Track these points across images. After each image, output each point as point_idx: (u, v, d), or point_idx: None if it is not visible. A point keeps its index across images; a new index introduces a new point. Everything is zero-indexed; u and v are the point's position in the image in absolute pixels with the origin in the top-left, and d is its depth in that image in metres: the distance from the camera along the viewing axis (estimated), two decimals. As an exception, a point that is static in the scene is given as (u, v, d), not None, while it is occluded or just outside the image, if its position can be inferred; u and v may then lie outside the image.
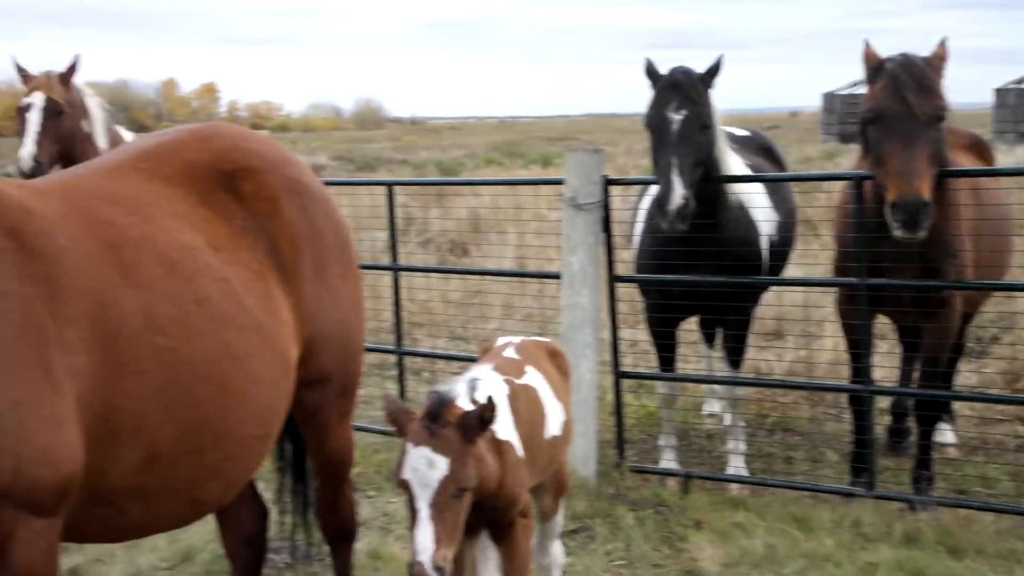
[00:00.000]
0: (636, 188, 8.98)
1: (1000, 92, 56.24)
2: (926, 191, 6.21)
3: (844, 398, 8.20)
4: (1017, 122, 55.22)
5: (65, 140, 8.86)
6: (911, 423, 8.04)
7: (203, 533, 6.52)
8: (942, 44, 6.69)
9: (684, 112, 6.94)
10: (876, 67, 6.63)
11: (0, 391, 3.26)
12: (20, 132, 8.82)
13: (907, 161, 6.25)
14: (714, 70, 7.18)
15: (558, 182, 7.83)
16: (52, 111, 8.79)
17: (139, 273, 3.81)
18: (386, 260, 9.88)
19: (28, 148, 8.62)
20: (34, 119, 8.73)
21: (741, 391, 7.83)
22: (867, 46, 6.74)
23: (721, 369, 8.31)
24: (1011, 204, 8.05)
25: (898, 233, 6.25)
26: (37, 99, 8.79)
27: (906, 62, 6.51)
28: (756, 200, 7.56)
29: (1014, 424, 8.68)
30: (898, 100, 6.39)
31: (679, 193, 6.68)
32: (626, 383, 8.60)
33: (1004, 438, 8.34)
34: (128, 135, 9.78)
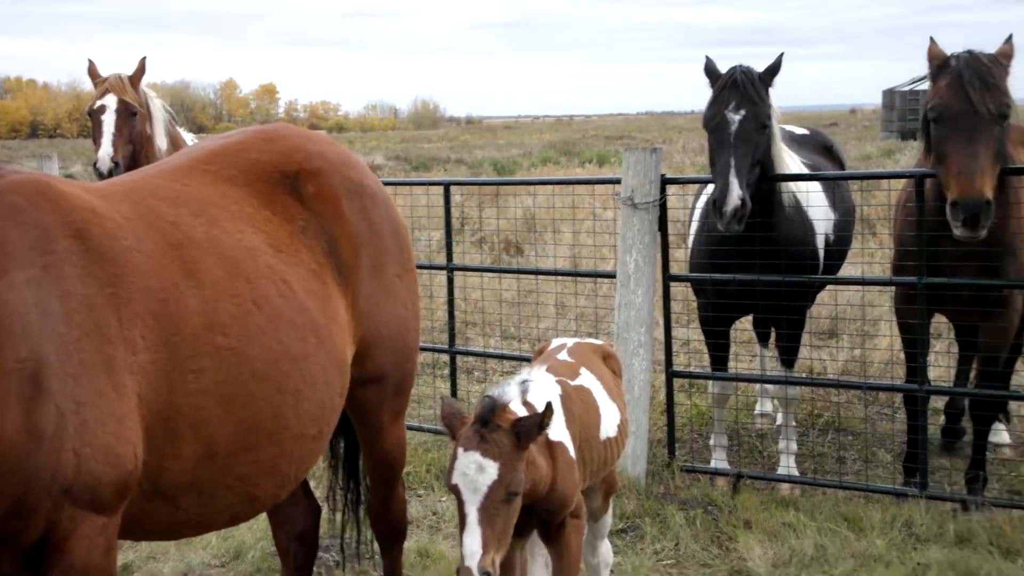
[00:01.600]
0: (691, 186, 8.97)
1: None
2: (989, 191, 6.16)
3: (898, 398, 8.15)
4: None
5: (137, 142, 8.95)
6: (966, 423, 7.98)
7: (255, 531, 6.61)
8: (1008, 41, 6.64)
9: (743, 112, 6.92)
10: (941, 64, 6.57)
11: (64, 391, 3.33)
12: (95, 134, 8.90)
13: (970, 160, 6.19)
14: (774, 69, 7.16)
15: (615, 181, 7.84)
16: (126, 113, 8.87)
17: (201, 273, 3.88)
18: (441, 259, 9.94)
19: (106, 149, 8.70)
20: (109, 121, 8.82)
21: (794, 391, 7.80)
22: (931, 43, 6.69)
23: (774, 368, 8.29)
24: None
25: (959, 232, 6.20)
26: (110, 101, 8.87)
27: (971, 59, 6.45)
28: (813, 199, 7.53)
29: (1072, 425, 8.57)
30: (962, 97, 6.33)
31: (736, 194, 6.67)
32: (678, 382, 8.61)
33: (1061, 439, 8.25)
34: (189, 137, 9.90)
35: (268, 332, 4.00)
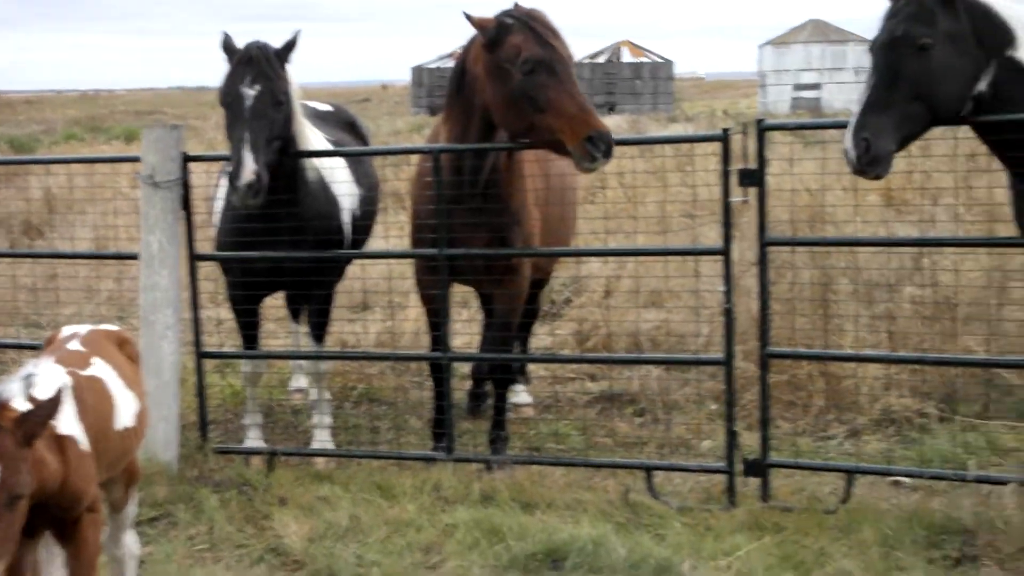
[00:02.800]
0: (219, 165, 8.81)
1: (575, 66, 59.55)
2: None
3: (427, 366, 8.42)
4: (592, 94, 58.70)
5: None
6: (491, 387, 8.38)
7: None
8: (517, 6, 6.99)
9: (258, 87, 6.90)
10: (499, 26, 6.75)
11: None
12: None
13: (582, 98, 6.55)
14: (290, 45, 7.17)
15: (136, 159, 7.57)
16: None
17: None
18: (-53, 246, 9.22)
19: None
20: None
21: (326, 365, 7.88)
22: (472, 16, 6.86)
23: (307, 344, 8.33)
24: (576, 175, 8.52)
25: (596, 164, 6.47)
26: None
27: (529, 14, 6.77)
28: (337, 175, 7.61)
29: (584, 382, 9.22)
30: (548, 46, 6.62)
31: (250, 169, 6.64)
32: (212, 363, 8.47)
33: (575, 395, 8.85)
34: None
35: None
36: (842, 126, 5.93)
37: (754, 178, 6.50)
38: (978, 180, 9.75)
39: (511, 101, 6.71)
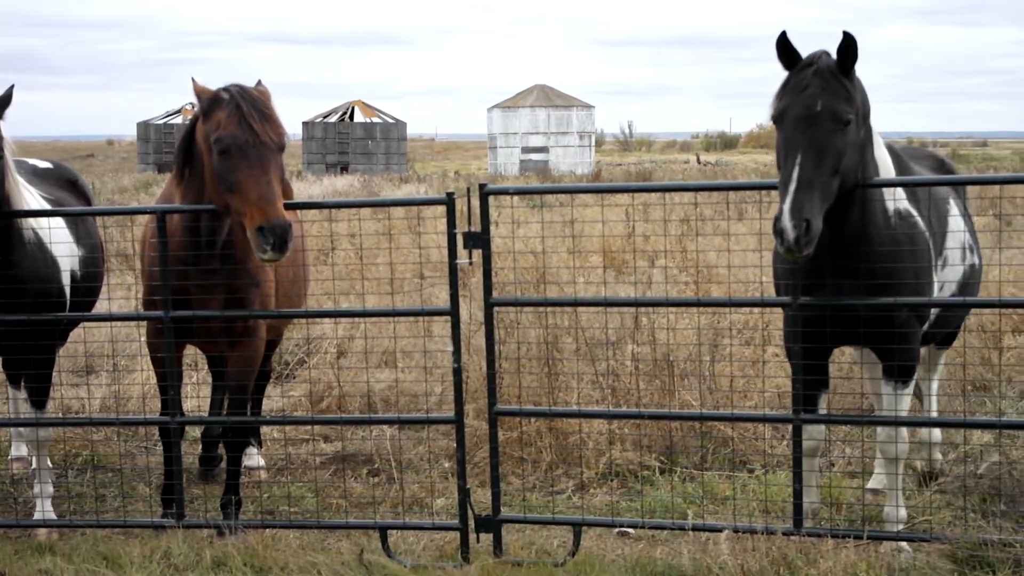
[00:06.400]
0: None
1: (307, 125, 59.68)
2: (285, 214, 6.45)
3: (156, 430, 8.24)
4: (325, 153, 58.83)
5: None
6: (223, 450, 8.26)
7: None
8: (260, 83, 6.97)
9: None
10: (213, 99, 6.69)
11: None
12: None
13: (266, 187, 6.42)
14: (5, 100, 6.95)
15: None
16: None
17: None
18: None
19: None
20: None
21: (46, 432, 7.59)
22: (195, 82, 6.81)
23: (27, 410, 8.01)
24: (306, 236, 8.54)
25: (267, 256, 6.36)
26: None
27: (244, 92, 6.68)
28: (56, 235, 7.37)
29: (317, 443, 9.21)
30: (246, 128, 6.52)
31: None
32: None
33: (308, 457, 8.83)
34: None
35: None
36: (560, 191, 6.17)
37: (479, 240, 6.70)
38: (691, 243, 10.34)
39: (212, 177, 6.69)
